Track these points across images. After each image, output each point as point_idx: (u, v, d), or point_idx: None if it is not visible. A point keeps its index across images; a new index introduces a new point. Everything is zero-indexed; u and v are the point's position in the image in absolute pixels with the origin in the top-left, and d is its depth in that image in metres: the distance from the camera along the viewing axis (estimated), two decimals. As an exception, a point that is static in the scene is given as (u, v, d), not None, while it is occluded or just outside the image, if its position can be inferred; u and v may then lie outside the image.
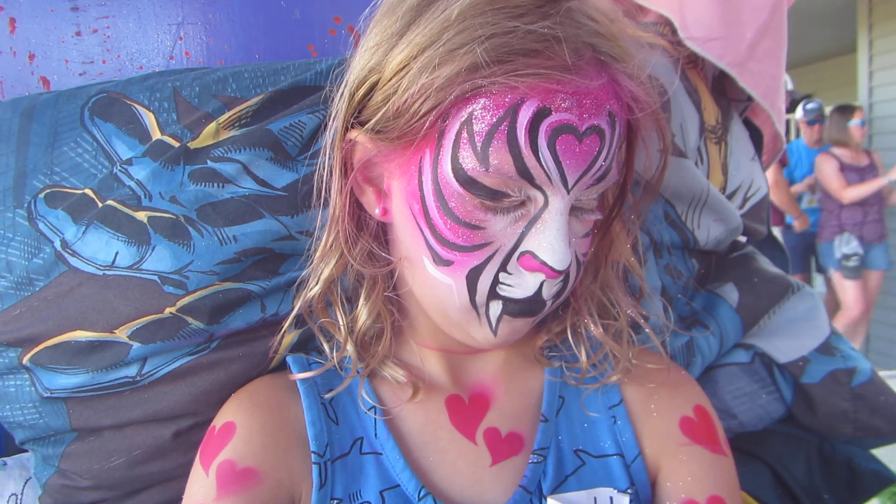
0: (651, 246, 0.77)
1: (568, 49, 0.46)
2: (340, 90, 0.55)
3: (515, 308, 0.52)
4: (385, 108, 0.50)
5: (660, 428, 0.62)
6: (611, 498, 0.57)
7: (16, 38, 0.75)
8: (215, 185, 0.62)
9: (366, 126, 0.52)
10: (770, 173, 3.96)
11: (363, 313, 0.59)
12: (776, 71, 0.89)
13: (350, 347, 0.59)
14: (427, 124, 0.48)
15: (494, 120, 0.47)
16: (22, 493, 0.73)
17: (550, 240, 0.49)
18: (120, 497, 0.67)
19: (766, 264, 0.92)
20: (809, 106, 4.36)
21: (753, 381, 0.86)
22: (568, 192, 0.49)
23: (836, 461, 0.88)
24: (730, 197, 0.87)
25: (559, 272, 0.49)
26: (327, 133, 0.57)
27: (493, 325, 0.53)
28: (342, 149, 0.54)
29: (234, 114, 0.63)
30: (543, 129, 0.47)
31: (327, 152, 0.56)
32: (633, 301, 0.64)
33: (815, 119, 4.35)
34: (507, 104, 0.46)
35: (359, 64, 0.53)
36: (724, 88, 0.91)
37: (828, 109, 4.36)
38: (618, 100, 0.50)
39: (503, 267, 0.51)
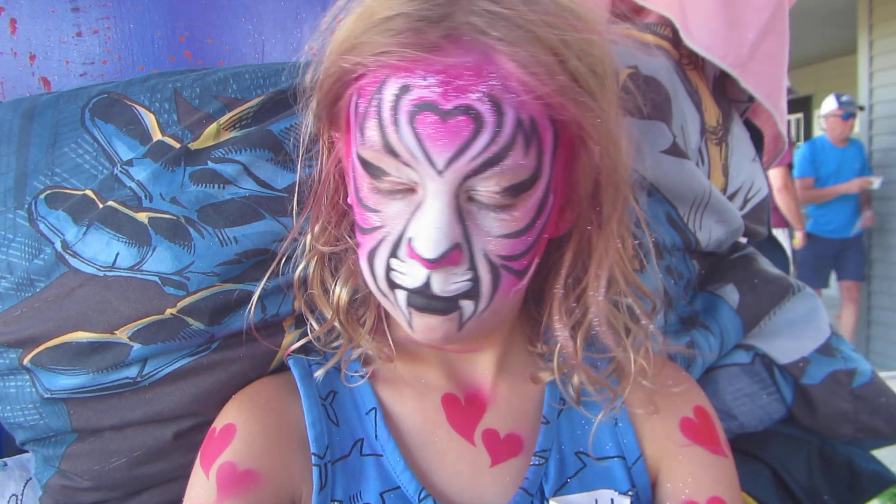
0: (653, 247, 0.77)
1: (440, 28, 0.46)
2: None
3: (417, 301, 0.51)
4: (316, 98, 0.54)
5: (660, 429, 0.62)
6: (612, 500, 0.57)
7: (16, 39, 0.75)
8: (216, 186, 0.62)
9: None
10: (779, 177, 3.93)
11: (339, 285, 0.60)
12: (778, 71, 0.89)
13: (337, 324, 0.60)
14: (330, 109, 0.53)
15: (369, 97, 0.49)
16: (22, 494, 0.73)
17: (423, 225, 0.48)
18: (120, 498, 0.67)
19: (767, 265, 0.92)
20: (844, 99, 4.19)
21: (754, 382, 0.86)
22: (438, 173, 0.47)
23: (837, 462, 0.88)
24: (730, 198, 0.87)
25: (431, 261, 0.48)
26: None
27: (407, 316, 0.53)
28: (327, 137, 0.58)
29: (235, 115, 0.63)
30: (404, 105, 0.47)
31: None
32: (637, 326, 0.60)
33: (852, 113, 4.21)
34: (376, 81, 0.48)
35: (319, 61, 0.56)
36: (724, 89, 0.91)
37: (824, 110, 4.34)
38: (500, 81, 0.46)
39: (394, 253, 0.51)
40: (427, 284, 0.50)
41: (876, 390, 0.85)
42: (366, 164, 0.50)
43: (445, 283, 0.50)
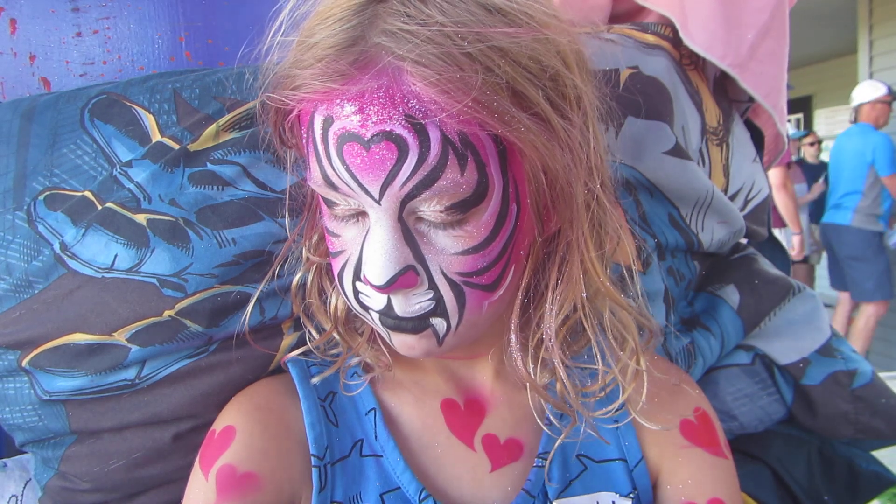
0: (655, 248, 0.77)
1: (353, 53, 0.45)
2: None
3: (388, 322, 0.51)
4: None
5: (661, 431, 0.62)
6: (613, 502, 0.57)
7: (16, 39, 0.75)
8: (215, 187, 0.62)
9: None
10: (777, 176, 3.92)
11: (334, 295, 0.61)
12: (778, 71, 0.88)
13: (334, 333, 0.60)
14: (277, 140, 0.54)
15: (303, 132, 0.49)
16: (22, 495, 0.73)
17: (371, 254, 0.48)
18: (120, 499, 0.67)
19: (767, 266, 0.92)
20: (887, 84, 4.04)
21: (754, 383, 0.86)
22: (377, 202, 0.47)
23: (837, 462, 0.88)
24: (731, 199, 0.86)
25: (381, 287, 0.48)
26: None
27: (385, 334, 0.53)
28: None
29: (235, 116, 0.63)
30: (331, 137, 0.46)
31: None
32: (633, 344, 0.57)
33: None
34: (305, 116, 0.48)
35: None
36: (725, 89, 0.91)
37: (823, 111, 4.29)
38: (418, 103, 0.44)
39: (357, 276, 0.51)
40: (389, 306, 0.50)
41: (876, 391, 0.85)
42: (320, 193, 0.51)
43: (407, 305, 0.50)
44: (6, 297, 0.63)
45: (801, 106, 8.18)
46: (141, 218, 0.61)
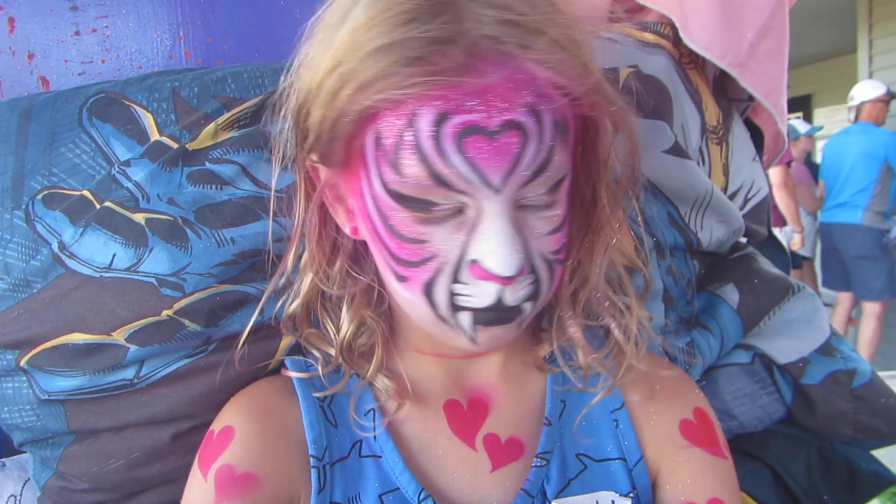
0: (654, 247, 0.77)
1: (458, 48, 0.44)
2: (286, 114, 0.55)
3: (485, 317, 0.50)
4: (315, 134, 0.50)
5: (660, 430, 0.62)
6: (613, 501, 0.57)
7: (15, 38, 0.75)
8: (213, 186, 0.61)
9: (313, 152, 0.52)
10: (778, 175, 3.90)
11: (344, 324, 0.58)
12: (778, 70, 0.88)
13: (338, 357, 0.59)
14: (342, 148, 0.49)
15: (398, 132, 0.46)
16: (21, 495, 0.73)
17: (492, 246, 0.47)
18: (118, 499, 0.67)
19: (767, 265, 0.91)
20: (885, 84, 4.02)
21: (753, 382, 0.86)
22: (496, 192, 0.47)
23: (836, 462, 0.88)
24: (731, 198, 0.86)
25: (509, 278, 0.48)
26: (274, 153, 0.58)
27: (470, 334, 0.52)
28: (304, 170, 0.55)
29: (233, 115, 0.63)
30: (446, 134, 0.45)
31: (275, 173, 0.57)
32: (633, 299, 0.61)
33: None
34: (405, 115, 0.46)
35: (294, 87, 0.53)
36: (725, 88, 0.91)
37: (823, 110, 4.28)
38: (536, 90, 0.46)
39: (455, 278, 0.49)
40: (499, 300, 0.50)
41: (876, 390, 0.85)
42: (404, 199, 0.48)
43: (515, 293, 0.50)
44: (4, 297, 0.63)
45: (801, 105, 8.19)
46: (139, 217, 0.61)
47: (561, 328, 0.61)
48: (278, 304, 0.64)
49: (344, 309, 0.58)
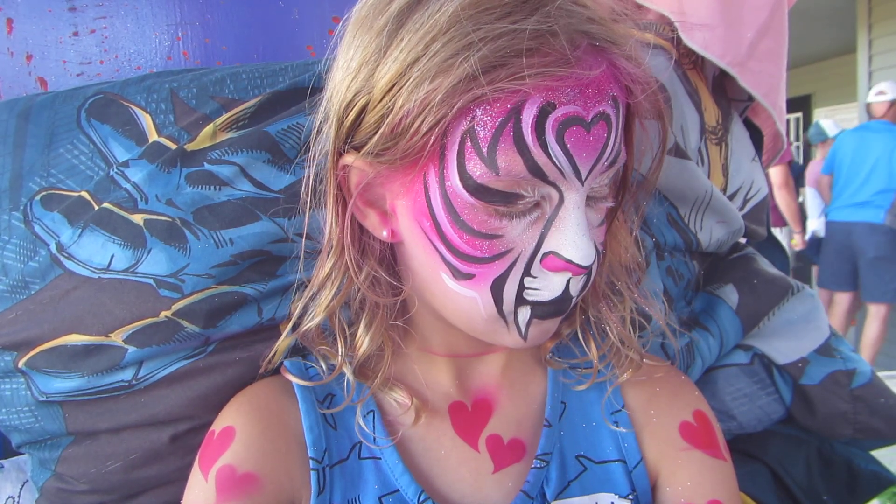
0: (654, 248, 0.77)
1: (563, 41, 0.45)
2: (324, 114, 0.53)
3: (544, 310, 0.51)
4: (380, 130, 0.48)
5: (660, 433, 0.62)
6: (612, 503, 0.57)
7: (13, 39, 0.75)
8: (212, 187, 0.61)
9: (362, 150, 0.49)
10: (779, 174, 3.89)
11: (365, 342, 0.57)
12: (777, 70, 0.88)
13: (349, 374, 0.58)
14: (431, 140, 0.46)
15: (497, 123, 0.45)
16: (19, 496, 0.73)
17: (572, 236, 0.48)
18: (117, 501, 0.67)
19: (766, 266, 0.91)
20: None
21: (753, 382, 0.86)
22: (583, 183, 0.48)
23: (836, 462, 0.88)
24: (730, 198, 0.86)
25: (585, 268, 0.48)
26: (311, 152, 0.55)
27: (523, 330, 0.52)
28: (336, 175, 0.52)
29: (232, 115, 0.63)
30: (550, 124, 0.45)
31: (312, 169, 0.54)
32: (638, 293, 0.63)
33: None
34: (508, 106, 0.45)
35: (341, 85, 0.50)
36: (724, 88, 0.91)
37: (822, 110, 4.26)
38: (618, 83, 0.49)
39: (527, 272, 0.49)
40: (567, 290, 0.50)
41: (875, 391, 0.85)
42: (487, 194, 0.47)
43: (577, 283, 0.51)
44: (2, 298, 0.63)
45: (801, 105, 8.20)
46: (138, 218, 0.61)
47: (572, 319, 0.62)
48: (277, 305, 0.64)
49: (364, 321, 0.57)
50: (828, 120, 4.55)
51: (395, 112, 0.47)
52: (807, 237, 4.42)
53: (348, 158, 0.51)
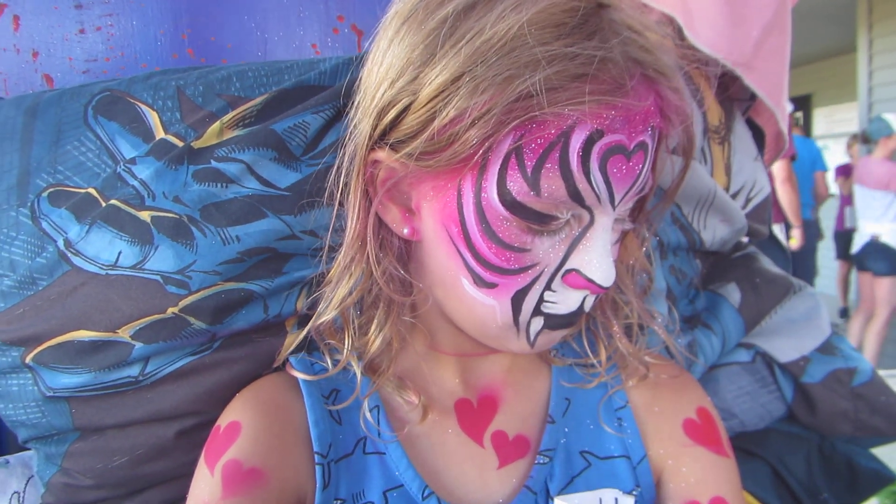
0: (658, 247, 0.77)
1: (617, 69, 0.45)
2: (360, 108, 0.53)
3: (557, 322, 0.52)
4: (422, 133, 0.47)
5: (663, 430, 0.62)
6: (616, 499, 0.57)
7: (20, 36, 0.75)
8: (219, 184, 0.62)
9: (400, 150, 0.49)
10: (782, 169, 3.87)
11: (377, 340, 0.57)
12: (781, 68, 0.88)
13: (355, 367, 0.58)
14: (480, 152, 0.46)
15: (546, 145, 0.45)
16: (24, 492, 0.73)
17: (597, 258, 0.49)
18: (122, 496, 0.67)
19: (768, 264, 0.92)
20: None
21: (755, 380, 0.86)
22: (614, 208, 0.49)
23: (836, 460, 0.89)
24: (733, 197, 0.87)
25: (606, 288, 0.50)
26: (341, 153, 0.54)
27: (532, 338, 0.53)
28: (365, 170, 0.52)
29: (238, 113, 0.63)
30: (596, 151, 0.46)
31: (342, 168, 0.54)
32: (642, 302, 0.64)
33: None
34: (559, 129, 0.45)
35: (384, 82, 0.50)
36: (726, 87, 0.91)
37: (822, 110, 4.22)
38: (661, 114, 0.49)
39: (548, 286, 0.51)
40: (582, 306, 0.52)
41: (876, 389, 0.86)
42: (524, 211, 0.47)
43: (592, 300, 0.52)
44: (10, 294, 0.63)
45: (801, 105, 8.18)
46: (145, 215, 0.61)
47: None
48: (283, 302, 0.64)
49: (378, 317, 0.58)
50: (890, 114, 4.38)
51: (442, 119, 0.46)
52: (862, 242, 4.26)
53: (380, 154, 0.51)
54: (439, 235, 0.52)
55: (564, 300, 0.51)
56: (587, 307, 0.52)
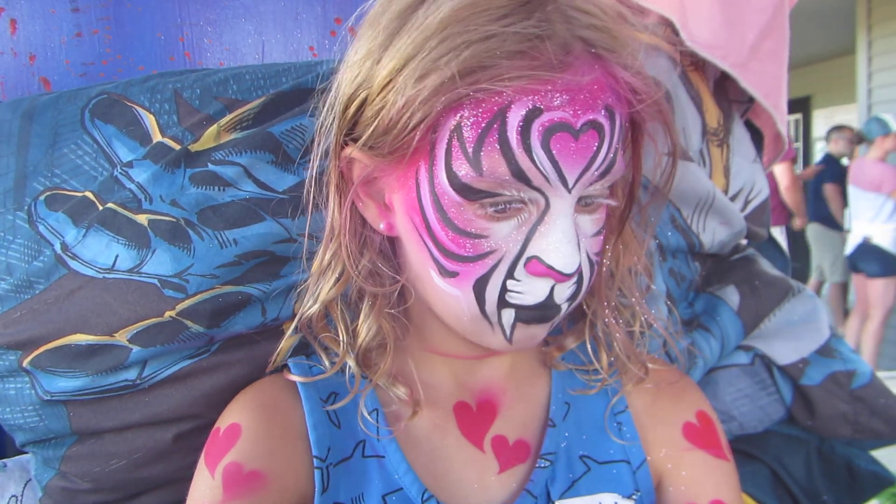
0: (657, 250, 0.77)
1: (555, 46, 0.45)
2: (329, 105, 0.54)
3: (528, 315, 0.51)
4: (375, 124, 0.49)
5: (663, 433, 0.62)
6: (616, 503, 0.57)
7: (17, 39, 0.75)
8: (216, 188, 0.62)
9: (359, 142, 0.51)
10: (784, 174, 3.89)
11: (363, 329, 0.57)
12: (778, 71, 0.89)
13: (351, 363, 0.58)
14: (417, 137, 0.47)
15: (484, 125, 0.46)
16: (22, 495, 0.73)
17: (556, 243, 0.48)
18: (120, 499, 0.67)
19: (767, 267, 0.92)
20: None
21: (754, 383, 0.86)
22: (569, 191, 0.48)
23: (836, 462, 0.89)
24: (732, 199, 0.86)
25: (568, 275, 0.48)
26: (315, 147, 0.56)
27: (508, 332, 0.52)
28: (338, 165, 0.53)
29: (236, 116, 0.63)
30: (536, 129, 0.45)
31: (315, 164, 0.56)
32: (646, 306, 0.63)
33: None
34: (494, 108, 0.46)
35: (347, 78, 0.52)
36: (725, 90, 0.91)
37: (822, 111, 4.25)
38: (614, 93, 0.48)
39: (510, 274, 0.49)
40: (550, 297, 0.50)
41: (875, 391, 0.86)
42: (472, 193, 0.48)
43: (563, 291, 0.51)
44: (7, 298, 0.63)
45: (800, 106, 8.20)
46: (142, 218, 0.61)
47: (579, 329, 0.63)
48: (281, 305, 0.64)
49: (364, 310, 0.58)
50: (887, 114, 4.39)
51: (388, 107, 0.48)
52: (854, 244, 4.25)
53: (349, 150, 0.52)
54: (407, 228, 0.53)
55: (531, 290, 0.50)
56: (559, 299, 0.51)
